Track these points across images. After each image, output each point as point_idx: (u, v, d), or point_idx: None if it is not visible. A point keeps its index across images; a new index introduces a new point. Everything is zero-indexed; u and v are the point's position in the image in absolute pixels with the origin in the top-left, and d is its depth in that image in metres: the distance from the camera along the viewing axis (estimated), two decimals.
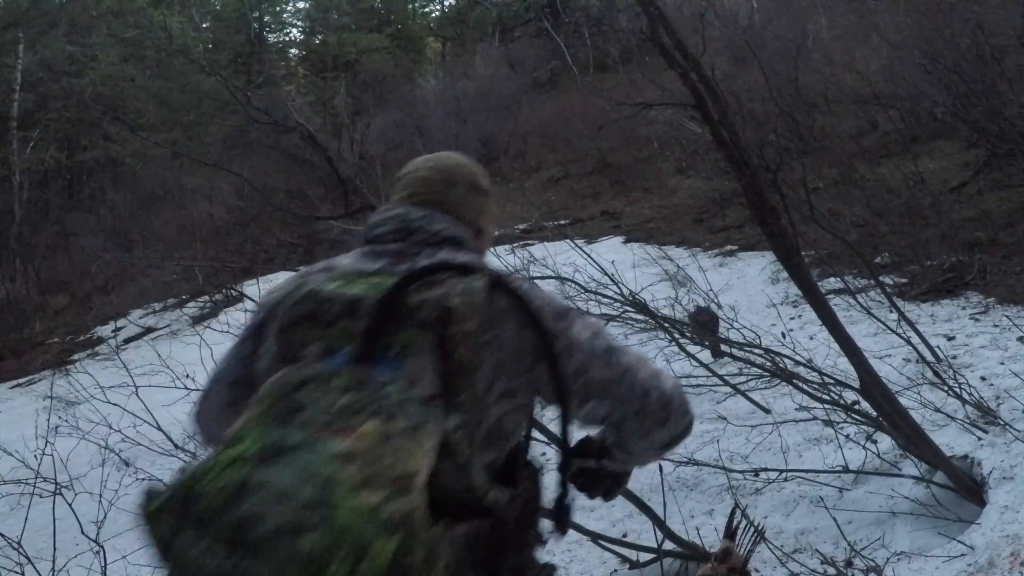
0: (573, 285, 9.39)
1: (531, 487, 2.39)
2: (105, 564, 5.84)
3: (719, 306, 9.98)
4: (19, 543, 5.69)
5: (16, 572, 5.74)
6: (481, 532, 2.07)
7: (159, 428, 9.25)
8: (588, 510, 7.69)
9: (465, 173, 2.82)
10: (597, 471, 2.84)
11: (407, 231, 2.58)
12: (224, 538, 1.70)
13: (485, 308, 2.24)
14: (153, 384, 8.95)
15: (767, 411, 8.78)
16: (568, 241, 11.12)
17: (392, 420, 1.88)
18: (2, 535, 5.87)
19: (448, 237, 2.58)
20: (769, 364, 7.73)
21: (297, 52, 58.36)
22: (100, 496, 6.71)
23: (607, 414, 2.54)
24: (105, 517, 6.38)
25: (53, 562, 5.85)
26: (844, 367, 7.05)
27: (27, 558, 5.69)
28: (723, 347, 9.05)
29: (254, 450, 1.82)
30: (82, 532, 5.81)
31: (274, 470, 1.76)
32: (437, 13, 62.56)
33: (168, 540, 1.81)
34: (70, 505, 5.99)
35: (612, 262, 9.06)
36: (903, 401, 6.31)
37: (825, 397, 7.10)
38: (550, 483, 2.55)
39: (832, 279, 11.99)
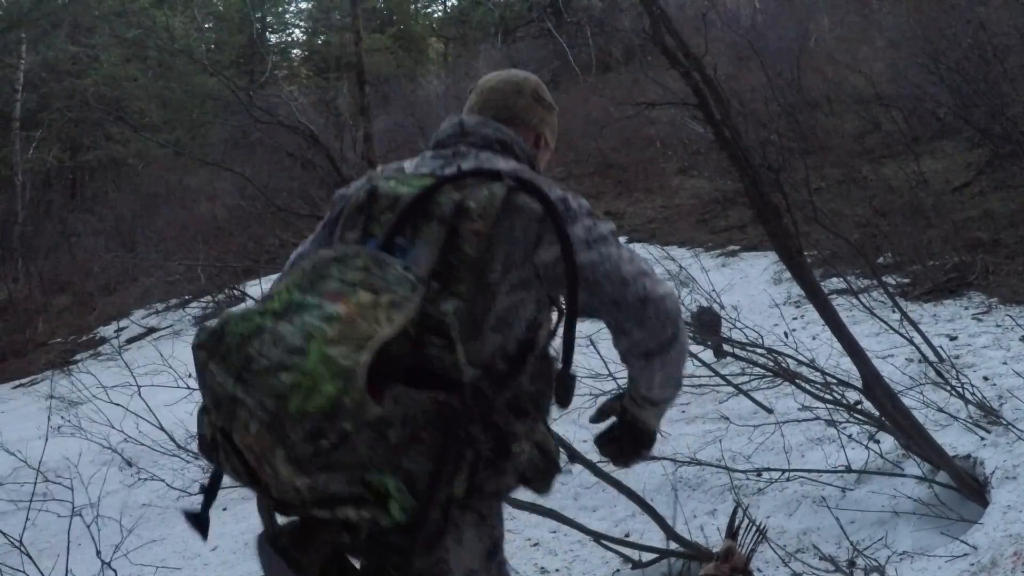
0: None
1: (539, 379, 2.76)
2: (112, 564, 5.85)
3: (722, 306, 9.99)
4: (20, 542, 5.70)
5: (21, 572, 5.76)
6: (450, 403, 2.39)
7: (161, 428, 9.28)
8: (591, 510, 7.71)
9: (532, 85, 3.25)
10: (614, 432, 3.14)
11: (460, 135, 3.01)
12: (234, 370, 2.22)
13: (498, 211, 2.61)
14: (155, 384, 8.97)
15: (770, 411, 8.78)
16: None
17: (381, 294, 2.32)
18: (5, 535, 5.88)
19: (496, 140, 2.98)
20: (772, 364, 7.74)
21: (299, 52, 58.41)
22: (94, 498, 6.73)
23: (587, 302, 2.76)
24: (122, 540, 6.40)
25: (66, 562, 5.86)
26: (847, 367, 7.06)
27: (30, 558, 5.70)
28: (726, 347, 9.05)
29: (277, 305, 2.31)
30: (97, 554, 5.82)
31: (282, 323, 2.25)
32: (439, 14, 62.59)
33: (202, 368, 2.33)
34: (80, 515, 5.99)
35: None
36: (906, 401, 6.31)
37: (828, 397, 7.11)
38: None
39: (835, 279, 12.00)
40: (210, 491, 2.64)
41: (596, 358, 9.22)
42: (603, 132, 26.28)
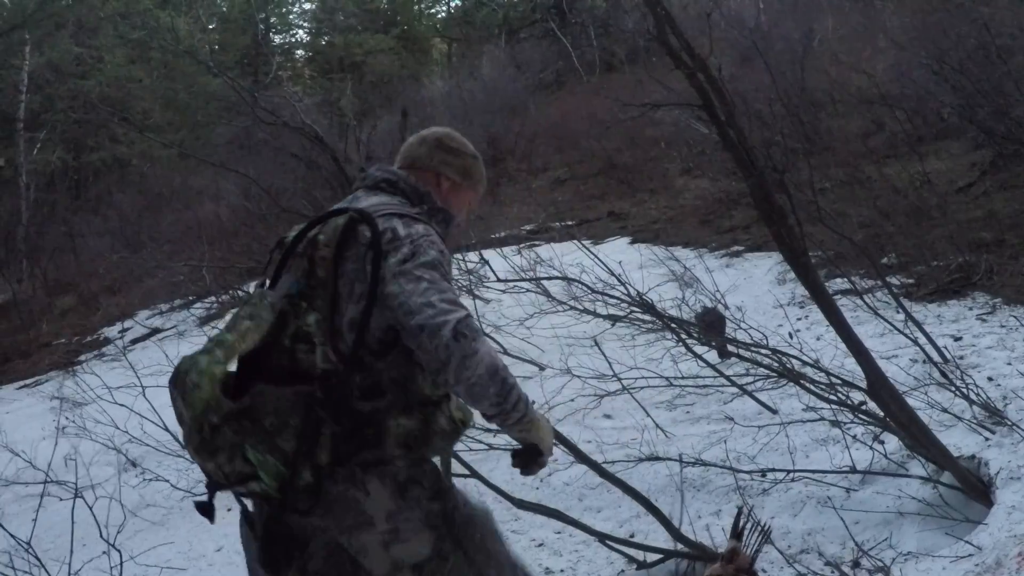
0: (580, 286, 9.42)
1: (401, 367, 3.25)
2: (121, 566, 5.86)
3: (726, 307, 10.01)
4: (28, 544, 5.71)
5: (27, 574, 5.76)
6: (311, 392, 3.06)
7: (166, 428, 9.28)
8: (595, 511, 7.71)
9: (436, 135, 3.87)
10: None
11: (361, 179, 3.72)
12: (182, 394, 3.00)
13: (339, 239, 3.28)
14: (161, 385, 8.96)
15: (774, 411, 8.77)
16: (575, 242, 11.15)
17: (255, 320, 3.14)
18: (13, 536, 5.89)
19: (382, 179, 3.64)
20: (776, 364, 7.74)
21: (303, 53, 58.44)
22: (115, 499, 6.74)
23: (389, 322, 3.23)
24: (124, 521, 6.41)
25: (70, 565, 5.87)
26: (851, 367, 7.06)
27: (38, 560, 5.71)
28: (730, 347, 9.06)
29: (208, 345, 3.08)
30: (101, 536, 5.83)
31: (204, 355, 3.03)
32: (443, 14, 62.65)
33: (172, 398, 3.06)
34: (91, 508, 6.01)
35: (620, 263, 9.08)
36: (910, 401, 6.32)
37: (832, 397, 7.11)
38: None
39: (839, 279, 12.00)
40: (212, 484, 3.21)
41: (601, 359, 9.25)
42: (607, 132, 26.29)
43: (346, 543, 3.25)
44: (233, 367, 3.10)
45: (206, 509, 3.21)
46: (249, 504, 3.34)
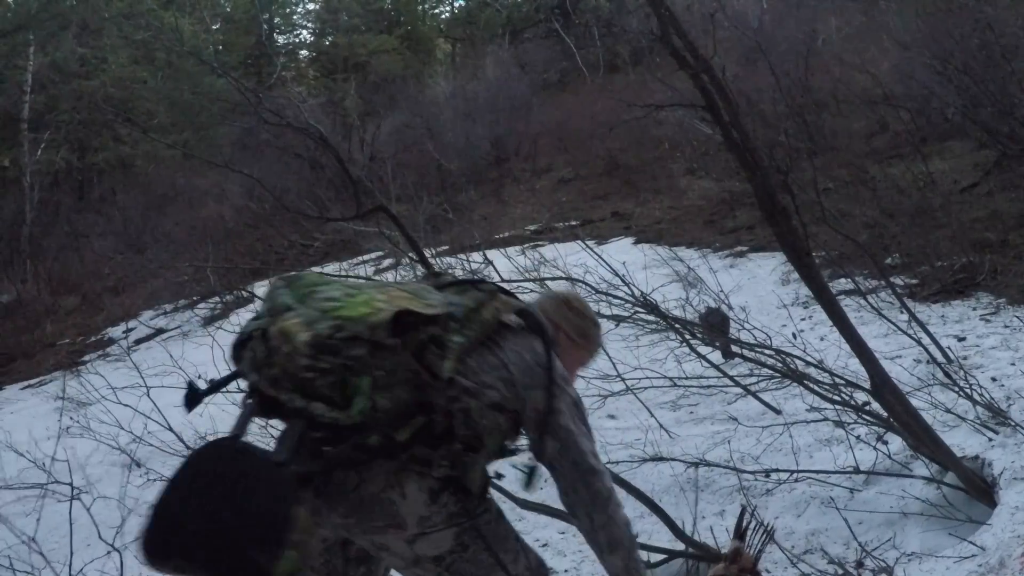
0: (584, 286, 9.42)
1: (493, 420, 3.43)
2: (122, 566, 5.86)
3: (730, 307, 10.00)
4: (33, 539, 5.71)
5: (31, 574, 5.77)
6: (426, 382, 3.19)
7: (170, 429, 9.29)
8: None
9: (565, 296, 4.21)
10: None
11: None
12: (299, 295, 3.20)
13: (514, 311, 3.58)
14: (165, 385, 8.98)
15: (778, 412, 8.78)
16: (579, 242, 11.15)
17: (415, 296, 3.27)
18: (15, 533, 5.89)
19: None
20: (780, 365, 7.75)
21: (307, 54, 58.41)
22: (117, 500, 6.74)
23: (546, 449, 3.56)
24: (123, 521, 6.42)
25: (70, 565, 5.88)
26: (855, 368, 7.07)
27: (43, 557, 5.72)
28: (734, 348, 9.06)
29: (349, 282, 3.38)
30: (99, 537, 5.84)
31: (346, 287, 3.27)
32: (447, 15, 62.54)
33: (274, 289, 3.29)
34: (87, 509, 6.02)
35: (624, 263, 9.08)
36: (914, 402, 6.32)
37: (836, 398, 7.11)
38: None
39: (843, 280, 12.00)
40: (220, 384, 3.44)
41: (605, 359, 9.26)
42: (611, 133, 26.28)
43: (367, 542, 3.43)
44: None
45: (193, 396, 3.33)
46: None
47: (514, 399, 3.47)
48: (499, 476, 3.71)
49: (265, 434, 4.13)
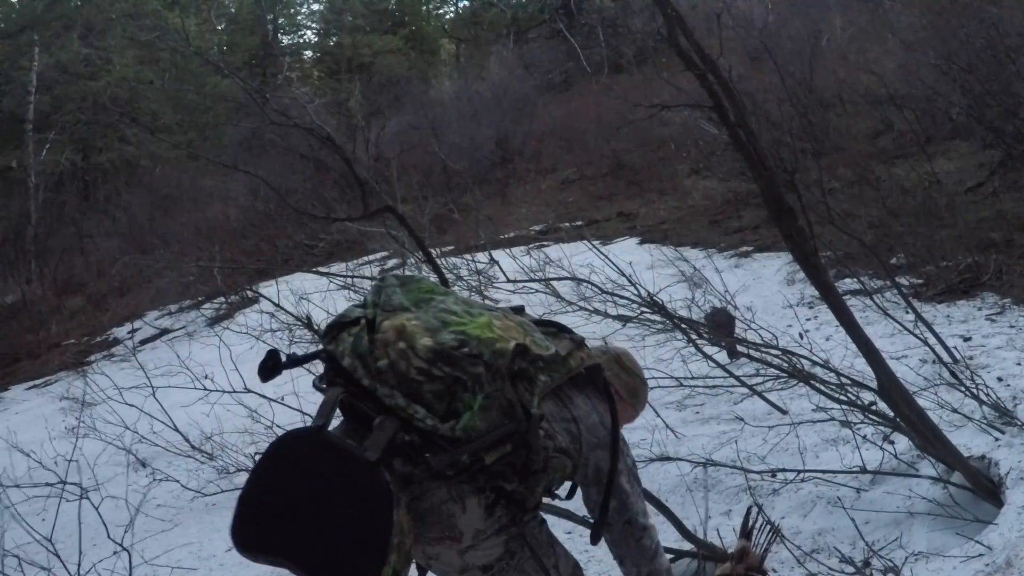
0: (589, 286, 9.42)
1: (539, 451, 3.31)
2: (131, 565, 5.87)
3: (735, 307, 10.00)
4: (48, 539, 5.73)
5: (44, 569, 5.79)
6: (519, 415, 3.15)
7: (175, 429, 9.30)
8: None
9: (616, 352, 4.19)
10: None
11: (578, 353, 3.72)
12: (413, 299, 3.23)
13: (589, 368, 3.62)
14: (172, 385, 8.99)
15: (784, 412, 8.78)
16: (585, 242, 11.14)
17: (526, 333, 3.30)
18: (31, 533, 5.91)
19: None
20: (786, 365, 7.74)
21: (312, 54, 58.44)
22: (123, 499, 6.75)
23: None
24: (132, 521, 6.43)
25: (79, 565, 5.89)
26: (861, 368, 7.07)
27: (57, 555, 5.73)
28: (740, 348, 9.06)
29: (460, 298, 3.36)
30: (108, 536, 5.84)
31: (461, 303, 3.29)
32: (451, 15, 62.61)
33: (386, 287, 3.31)
34: (96, 508, 6.03)
35: (629, 263, 9.08)
36: (920, 402, 6.32)
37: (842, 398, 7.11)
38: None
39: (848, 280, 12.00)
40: (297, 360, 3.29)
41: None
42: (616, 133, 26.29)
43: (419, 551, 3.41)
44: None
45: (275, 363, 3.25)
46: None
47: (576, 452, 3.51)
48: (553, 496, 3.78)
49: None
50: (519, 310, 3.69)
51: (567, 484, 3.72)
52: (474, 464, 3.11)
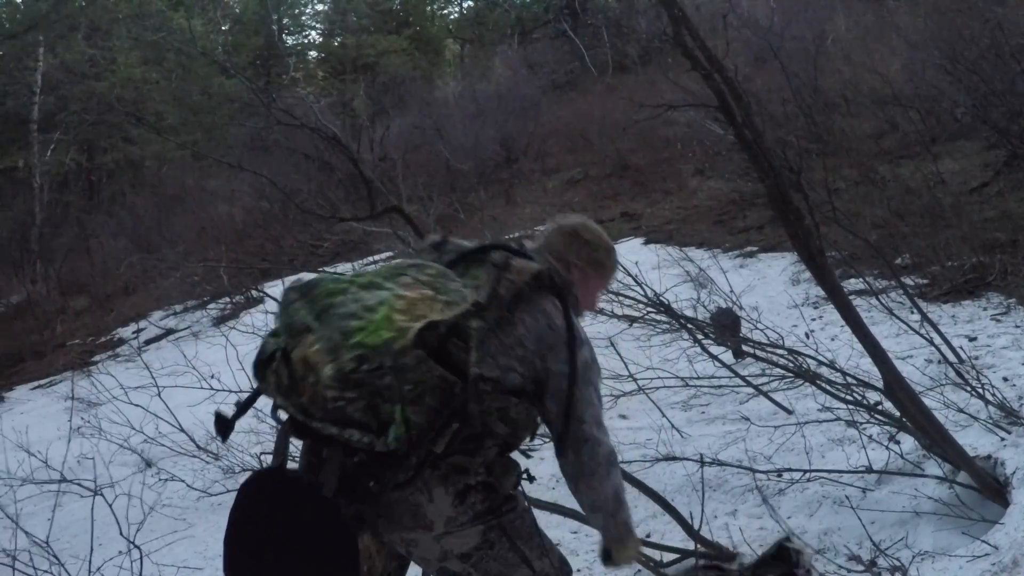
0: None
1: (520, 412, 3.46)
2: (141, 563, 5.88)
3: (741, 307, 10.00)
4: (47, 541, 5.74)
5: (50, 573, 5.79)
6: (453, 384, 3.15)
7: (181, 429, 9.30)
8: None
9: (572, 227, 4.14)
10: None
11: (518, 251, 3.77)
12: (317, 310, 3.14)
13: (531, 278, 3.51)
14: (178, 385, 9.00)
15: (790, 412, 8.77)
16: None
17: (440, 295, 3.25)
18: (29, 535, 5.91)
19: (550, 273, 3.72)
20: (792, 365, 7.75)
21: (316, 54, 58.47)
22: (132, 497, 6.76)
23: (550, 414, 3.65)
24: (144, 519, 6.44)
25: (90, 563, 5.90)
26: (867, 367, 7.06)
27: (56, 558, 5.74)
28: (745, 348, 9.05)
29: (364, 281, 3.24)
30: (121, 534, 5.86)
31: (364, 291, 3.17)
32: (456, 15, 62.64)
33: (288, 304, 3.23)
34: (110, 505, 6.04)
35: (635, 263, 9.08)
36: (926, 401, 6.31)
37: (848, 397, 7.11)
38: None
39: (853, 280, 11.99)
40: (246, 405, 3.42)
41: (616, 359, 9.26)
42: (620, 133, 26.29)
43: (397, 539, 3.52)
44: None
45: (225, 425, 3.38)
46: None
47: (532, 376, 3.52)
48: (531, 479, 3.83)
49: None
50: (439, 246, 3.73)
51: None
52: (428, 457, 3.23)
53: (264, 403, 3.39)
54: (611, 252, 4.23)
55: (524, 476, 3.75)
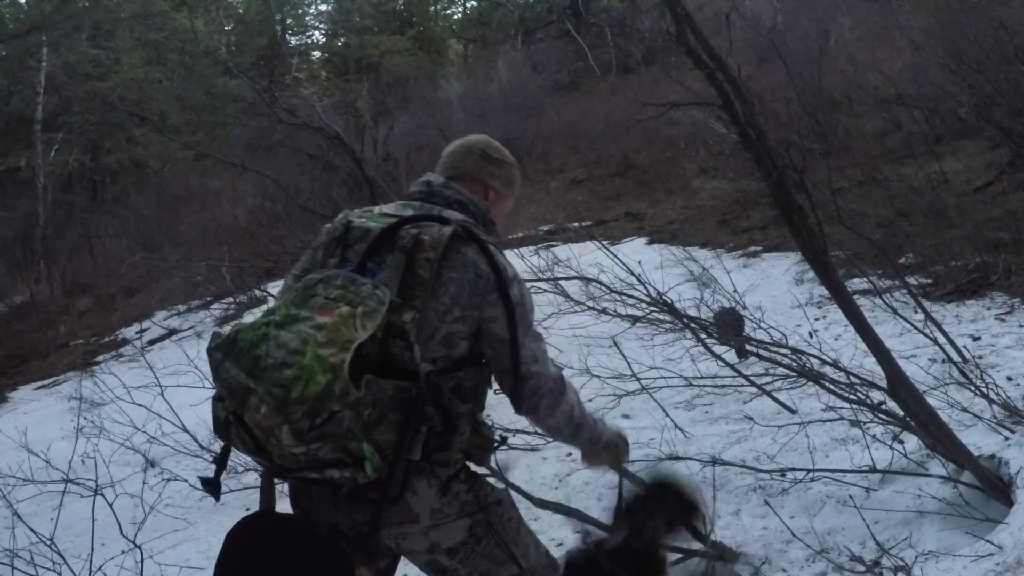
0: (598, 286, 9.41)
1: (476, 377, 3.51)
2: (142, 563, 5.89)
3: (744, 307, 9.98)
4: (51, 540, 5.75)
5: (53, 571, 5.80)
6: (408, 389, 3.12)
7: (184, 429, 9.29)
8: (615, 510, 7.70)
9: (480, 145, 4.03)
10: None
11: (429, 195, 3.77)
12: (246, 366, 2.97)
13: (445, 246, 3.35)
14: (181, 384, 9.00)
15: (793, 411, 8.76)
16: (594, 242, 11.14)
17: (357, 307, 3.07)
18: (35, 532, 5.92)
19: (455, 200, 3.75)
20: (795, 364, 7.74)
21: (320, 55, 58.51)
22: (135, 497, 6.77)
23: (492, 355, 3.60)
24: (144, 519, 6.44)
25: (91, 561, 5.90)
26: (870, 367, 7.05)
27: (61, 556, 5.74)
28: (748, 347, 9.04)
29: (278, 318, 3.07)
30: (122, 533, 5.86)
31: (283, 331, 3.00)
32: (459, 15, 62.70)
33: (217, 365, 3.07)
34: (111, 505, 6.05)
35: (638, 263, 9.08)
36: (930, 401, 6.30)
37: (852, 397, 7.09)
38: None
39: (857, 279, 11.98)
40: (221, 461, 3.44)
41: (619, 359, 9.25)
42: (624, 133, 26.29)
43: (386, 534, 3.48)
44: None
45: (212, 486, 3.42)
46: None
47: (475, 332, 3.51)
48: (504, 440, 3.83)
49: None
50: (341, 238, 3.59)
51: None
52: (410, 467, 3.24)
53: None
54: (516, 168, 4.19)
55: (501, 444, 3.76)
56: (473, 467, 3.67)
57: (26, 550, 5.92)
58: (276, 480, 3.42)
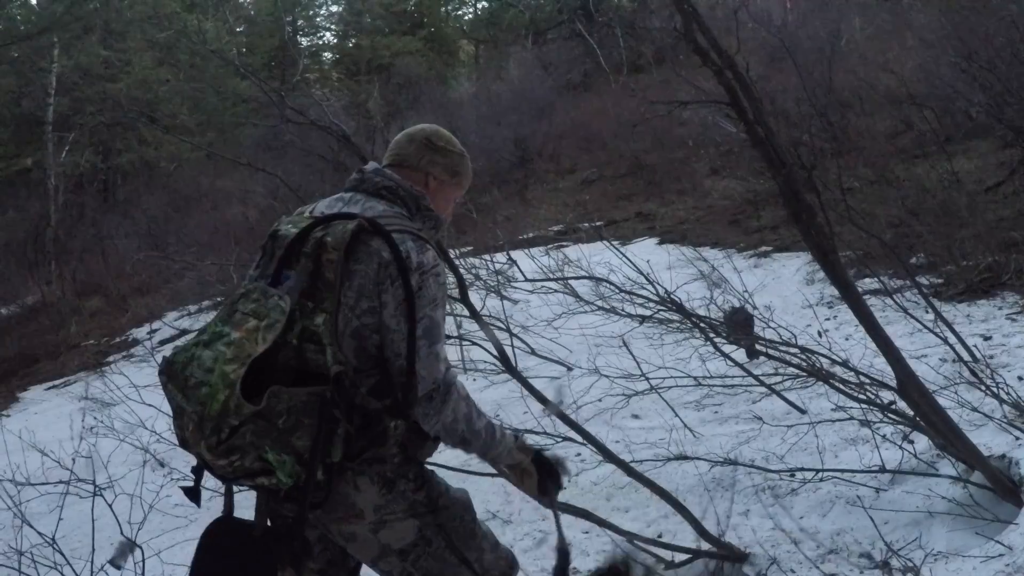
0: (608, 286, 9.40)
1: (401, 378, 3.43)
2: (144, 563, 5.88)
3: (754, 307, 9.96)
4: (53, 540, 5.74)
5: (56, 570, 5.79)
6: (323, 393, 3.15)
7: None
8: (623, 511, 7.69)
9: (425, 133, 4.00)
10: None
11: (360, 182, 3.81)
12: (180, 387, 3.12)
13: (348, 244, 3.36)
14: None
15: (803, 411, 8.74)
16: (604, 242, 11.13)
17: (263, 320, 3.17)
18: (39, 532, 5.92)
19: (383, 187, 3.75)
20: (805, 364, 7.71)
21: (330, 56, 58.57)
22: (138, 497, 6.75)
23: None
24: (144, 518, 6.43)
25: (92, 562, 5.90)
26: (881, 367, 7.02)
27: (63, 556, 5.73)
28: (758, 347, 9.01)
29: (206, 337, 3.20)
30: (121, 533, 5.85)
31: (206, 350, 3.14)
32: (470, 16, 62.73)
33: (164, 387, 3.23)
34: (110, 506, 6.04)
35: (648, 263, 9.06)
36: (940, 401, 6.28)
37: (862, 397, 7.07)
38: None
39: (868, 279, 11.95)
40: (198, 472, 3.42)
41: (629, 359, 9.24)
42: (634, 133, 26.26)
43: (335, 531, 3.57)
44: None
45: (193, 494, 3.45)
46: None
47: (378, 320, 3.46)
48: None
49: None
50: (264, 247, 3.68)
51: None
52: (331, 468, 3.30)
53: None
54: (464, 158, 4.11)
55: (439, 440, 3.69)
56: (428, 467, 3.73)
57: (28, 552, 5.92)
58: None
